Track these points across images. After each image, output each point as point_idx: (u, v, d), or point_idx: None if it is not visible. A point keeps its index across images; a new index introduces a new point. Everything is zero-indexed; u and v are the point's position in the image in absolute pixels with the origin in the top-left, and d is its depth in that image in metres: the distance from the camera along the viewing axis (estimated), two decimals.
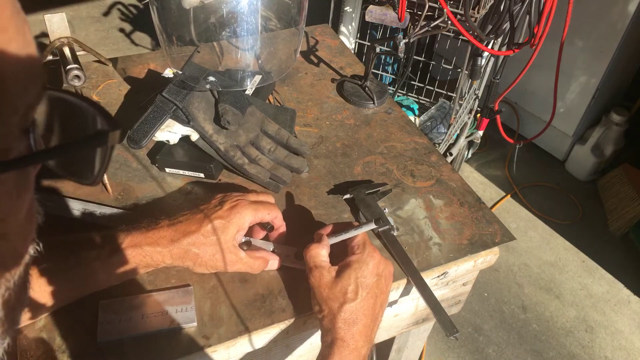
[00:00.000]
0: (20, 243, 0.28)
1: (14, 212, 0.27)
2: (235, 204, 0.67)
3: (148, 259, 0.63)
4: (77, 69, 0.81)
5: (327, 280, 0.63)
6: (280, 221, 0.73)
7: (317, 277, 0.64)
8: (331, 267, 0.65)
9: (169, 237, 0.63)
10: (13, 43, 0.24)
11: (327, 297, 0.62)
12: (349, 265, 0.64)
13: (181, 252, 0.63)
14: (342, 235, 0.69)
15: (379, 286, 0.64)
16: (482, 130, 1.78)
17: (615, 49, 1.96)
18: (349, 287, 0.62)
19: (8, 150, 0.25)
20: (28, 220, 0.28)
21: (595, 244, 2.06)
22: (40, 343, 0.60)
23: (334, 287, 0.62)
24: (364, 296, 0.62)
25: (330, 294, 0.62)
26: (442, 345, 1.69)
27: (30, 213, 0.29)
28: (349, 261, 0.64)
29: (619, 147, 2.24)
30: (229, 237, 0.65)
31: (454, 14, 0.97)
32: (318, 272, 0.64)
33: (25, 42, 0.25)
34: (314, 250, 0.66)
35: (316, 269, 0.64)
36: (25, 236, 0.29)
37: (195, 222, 0.65)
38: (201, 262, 0.65)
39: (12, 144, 0.25)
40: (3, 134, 0.24)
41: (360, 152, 0.92)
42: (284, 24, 0.92)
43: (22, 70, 0.24)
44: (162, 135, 0.82)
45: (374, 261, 0.64)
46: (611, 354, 1.72)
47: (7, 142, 0.25)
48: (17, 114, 0.25)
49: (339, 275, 0.63)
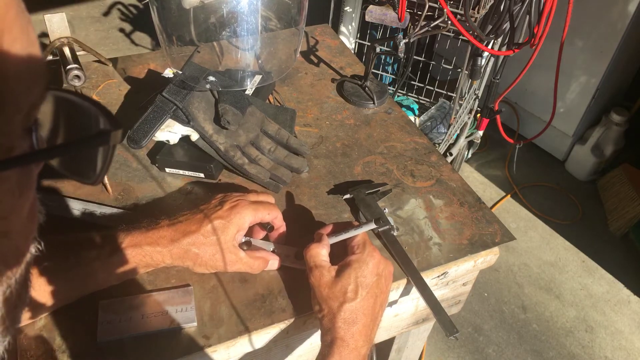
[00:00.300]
0: (22, 241, 0.28)
1: (17, 210, 0.27)
2: (235, 204, 0.67)
3: (148, 259, 0.63)
4: (77, 69, 0.81)
5: (327, 280, 0.63)
6: (280, 221, 0.73)
7: (317, 277, 0.64)
8: (331, 267, 0.65)
9: (169, 237, 0.63)
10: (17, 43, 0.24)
11: (327, 297, 0.62)
12: (348, 264, 0.64)
13: (181, 252, 0.63)
14: (342, 235, 0.69)
15: (379, 286, 0.64)
16: (482, 130, 1.78)
17: (615, 49, 1.96)
18: (349, 286, 0.62)
19: (11, 149, 0.25)
20: (30, 218, 0.29)
21: (595, 244, 2.06)
22: (40, 343, 0.60)
23: (334, 286, 0.62)
24: (364, 296, 0.62)
25: (330, 294, 0.62)
26: (442, 345, 1.69)
27: (33, 212, 0.29)
28: (349, 261, 0.64)
29: (619, 147, 2.24)
30: (228, 237, 0.65)
31: (454, 14, 0.97)
32: (318, 272, 0.64)
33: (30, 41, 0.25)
34: (314, 250, 0.66)
35: (316, 268, 0.64)
36: (27, 235, 0.29)
37: (195, 222, 0.65)
38: (201, 262, 0.65)
39: (15, 143, 0.25)
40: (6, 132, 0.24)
41: (360, 152, 0.92)
42: (284, 24, 0.92)
43: (25, 69, 0.24)
44: (162, 135, 0.82)
45: (374, 261, 0.64)
46: (611, 354, 1.72)
47: (10, 140, 0.25)
48: (21, 112, 0.25)
49: (339, 275, 0.63)
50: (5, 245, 0.27)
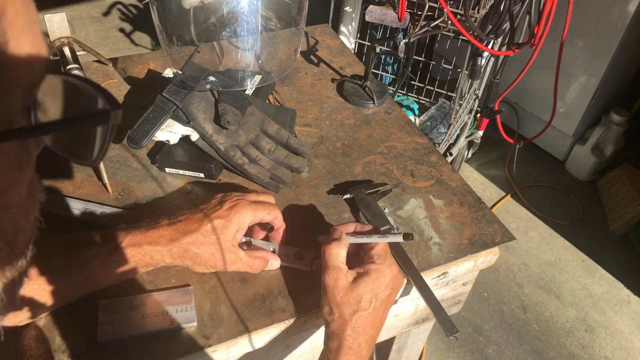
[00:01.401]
0: (22, 217, 0.29)
1: (15, 185, 0.27)
2: (235, 204, 0.67)
3: (147, 258, 0.63)
4: (77, 69, 0.81)
5: (343, 284, 0.62)
6: (280, 222, 0.72)
7: (333, 279, 0.63)
8: (349, 271, 0.64)
9: (168, 236, 0.63)
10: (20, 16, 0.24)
11: (341, 302, 0.61)
12: (367, 273, 0.62)
13: (181, 251, 0.63)
14: (363, 238, 0.67)
15: (390, 299, 0.64)
16: (482, 130, 1.78)
17: (615, 49, 1.96)
18: (365, 295, 0.61)
19: (10, 123, 0.26)
20: (30, 196, 0.29)
21: (595, 244, 2.06)
22: (40, 343, 0.60)
23: (350, 293, 0.61)
24: (377, 307, 0.61)
25: (344, 299, 0.61)
26: (442, 345, 1.69)
27: (32, 190, 0.29)
28: (368, 269, 0.63)
29: (619, 147, 2.24)
30: (228, 236, 0.65)
31: (454, 14, 0.97)
32: (335, 274, 0.63)
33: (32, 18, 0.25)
34: (334, 250, 0.65)
35: (334, 269, 0.63)
36: (27, 212, 0.29)
37: (194, 222, 0.65)
38: (200, 261, 0.65)
39: (14, 117, 0.26)
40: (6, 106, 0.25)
41: (360, 152, 0.92)
42: (284, 24, 0.92)
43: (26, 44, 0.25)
44: (162, 135, 0.82)
45: (392, 274, 0.63)
46: (611, 354, 1.72)
47: (9, 114, 0.25)
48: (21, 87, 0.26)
49: (356, 282, 0.62)
50: (4, 219, 0.27)
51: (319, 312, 0.66)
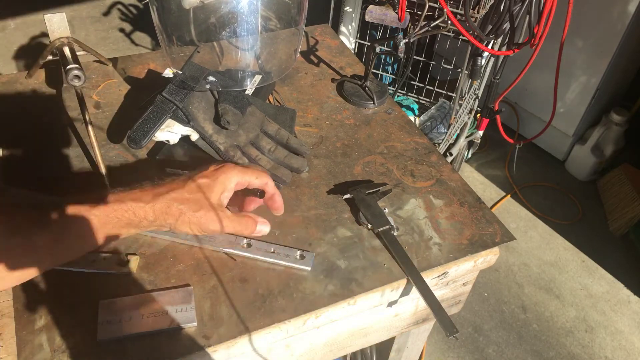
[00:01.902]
0: None
1: None
2: (221, 166, 0.68)
3: (130, 214, 0.62)
4: (77, 69, 0.81)
5: None
6: (273, 189, 0.72)
7: None
8: None
9: (152, 193, 0.63)
10: None
11: None
12: None
13: (164, 206, 0.63)
14: None
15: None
16: (482, 130, 1.78)
17: (615, 49, 1.96)
18: None
19: None
20: None
21: (595, 244, 2.06)
22: (40, 343, 0.60)
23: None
24: None
25: None
26: (442, 345, 1.69)
27: None
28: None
29: (619, 147, 2.24)
30: (214, 195, 0.65)
31: (454, 14, 0.97)
32: None
33: None
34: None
35: None
36: None
37: (180, 181, 0.66)
38: (184, 219, 0.64)
39: None
40: None
41: (360, 152, 0.92)
42: (284, 24, 0.91)
43: None
44: (162, 135, 0.82)
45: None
46: (611, 354, 1.72)
47: None
48: None
49: None
50: None
51: (318, 312, 0.66)
